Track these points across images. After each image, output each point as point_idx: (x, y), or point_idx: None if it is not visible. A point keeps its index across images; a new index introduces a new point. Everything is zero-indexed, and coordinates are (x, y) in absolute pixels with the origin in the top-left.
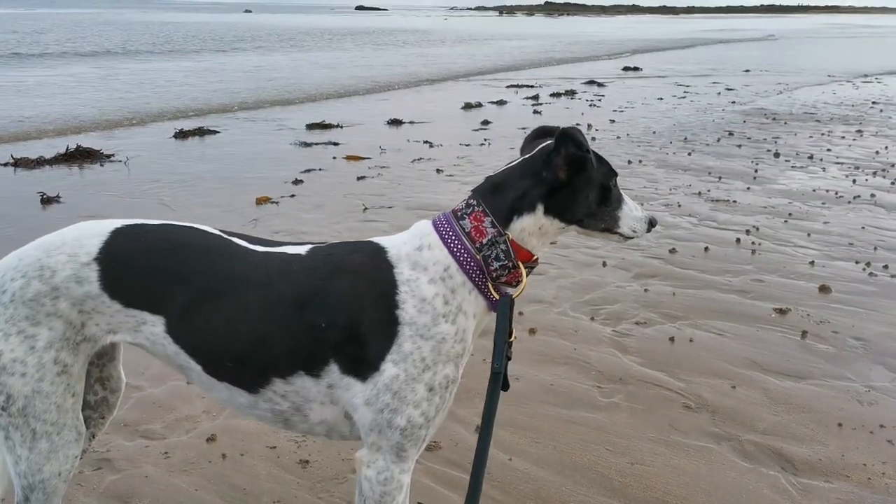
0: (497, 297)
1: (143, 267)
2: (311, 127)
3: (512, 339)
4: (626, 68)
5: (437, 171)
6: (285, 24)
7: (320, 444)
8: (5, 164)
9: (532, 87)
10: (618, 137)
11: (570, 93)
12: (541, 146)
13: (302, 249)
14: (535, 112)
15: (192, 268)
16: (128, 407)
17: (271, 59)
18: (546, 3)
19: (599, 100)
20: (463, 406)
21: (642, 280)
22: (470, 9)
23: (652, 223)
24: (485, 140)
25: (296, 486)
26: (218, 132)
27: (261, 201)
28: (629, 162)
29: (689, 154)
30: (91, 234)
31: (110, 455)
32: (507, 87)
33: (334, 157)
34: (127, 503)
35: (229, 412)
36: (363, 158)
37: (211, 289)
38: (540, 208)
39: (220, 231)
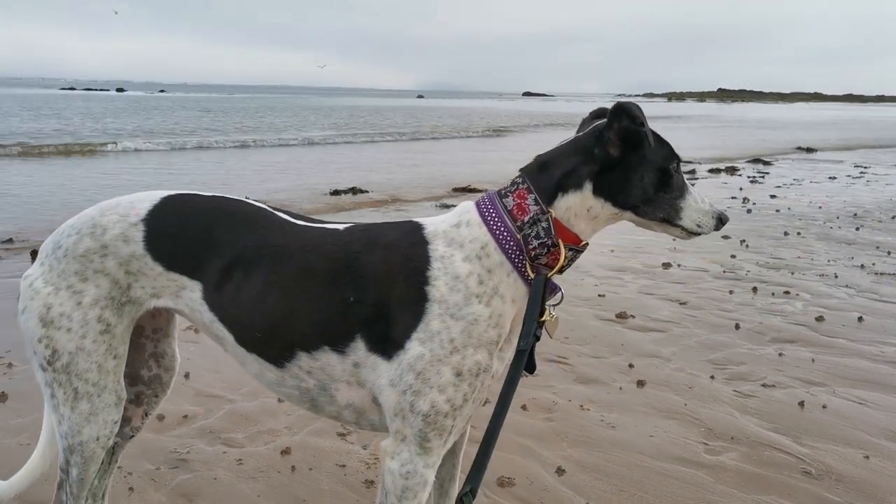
0: (533, 276)
1: (184, 232)
2: (456, 190)
3: (543, 318)
4: (798, 148)
5: None
6: (457, 107)
7: None
8: None
9: (690, 162)
10: (777, 211)
11: (731, 169)
12: (595, 124)
13: (341, 226)
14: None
15: (230, 236)
16: (217, 416)
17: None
18: (719, 89)
19: (763, 176)
20: (548, 446)
21: (778, 344)
22: (638, 95)
23: (722, 220)
24: None
25: None
26: (368, 192)
27: None
28: (785, 233)
29: (857, 229)
30: (144, 198)
31: (189, 457)
32: None
33: None
34: (191, 501)
35: (310, 429)
36: None
37: (244, 257)
38: (588, 187)
39: (268, 206)
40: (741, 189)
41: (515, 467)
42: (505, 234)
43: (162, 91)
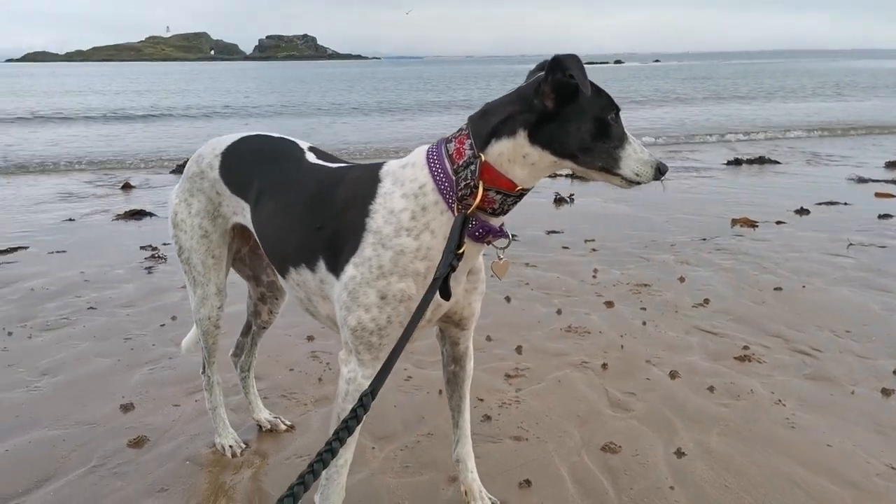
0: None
1: (241, 162)
2: (890, 165)
3: (461, 251)
4: None
5: None
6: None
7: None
8: None
9: None
10: None
11: None
12: (537, 76)
13: (337, 165)
14: None
15: (266, 169)
16: None
17: None
18: None
19: None
20: (697, 428)
21: None
22: None
23: (661, 169)
24: None
25: (395, 421)
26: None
27: (737, 222)
28: None
29: None
30: (231, 137)
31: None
32: None
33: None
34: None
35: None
36: None
37: (268, 187)
38: (521, 134)
39: (308, 146)
40: None
41: (637, 438)
42: (442, 175)
43: (657, 61)
